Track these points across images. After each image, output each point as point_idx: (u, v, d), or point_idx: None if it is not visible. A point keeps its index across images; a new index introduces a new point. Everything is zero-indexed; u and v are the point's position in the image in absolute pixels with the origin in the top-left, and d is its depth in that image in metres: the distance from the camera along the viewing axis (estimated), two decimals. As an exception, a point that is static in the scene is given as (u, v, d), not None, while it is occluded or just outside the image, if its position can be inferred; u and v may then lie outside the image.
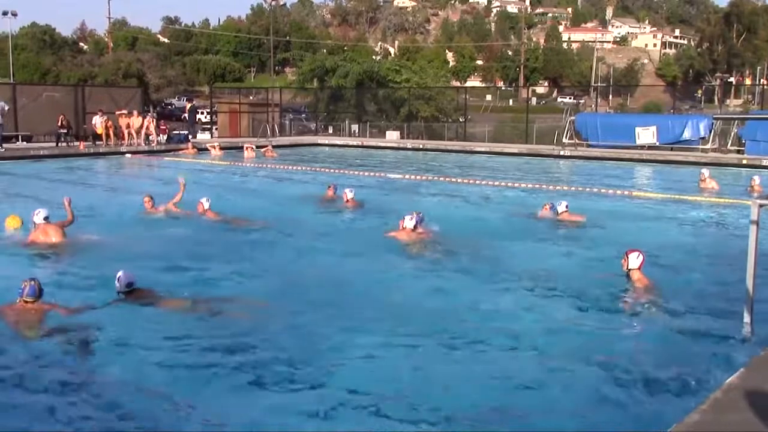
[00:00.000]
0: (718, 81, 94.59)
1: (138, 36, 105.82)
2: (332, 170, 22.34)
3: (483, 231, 11.93)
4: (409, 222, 10.43)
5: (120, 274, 7.19)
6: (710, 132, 26.95)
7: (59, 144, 26.61)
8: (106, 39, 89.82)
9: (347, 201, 13.81)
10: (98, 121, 27.66)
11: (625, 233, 11.42)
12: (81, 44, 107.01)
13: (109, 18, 76.32)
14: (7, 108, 24.99)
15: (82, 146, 26.77)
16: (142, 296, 7.24)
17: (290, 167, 23.40)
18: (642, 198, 16.76)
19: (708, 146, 26.79)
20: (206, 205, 12.53)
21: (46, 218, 9.88)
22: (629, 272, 8.11)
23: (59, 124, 26.74)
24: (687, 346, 6.40)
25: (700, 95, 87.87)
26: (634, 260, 8.09)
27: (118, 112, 28.62)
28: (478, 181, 19.33)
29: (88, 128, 28.61)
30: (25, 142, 27.46)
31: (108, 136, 27.67)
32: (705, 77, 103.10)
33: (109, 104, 29.64)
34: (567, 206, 12.33)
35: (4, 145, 24.46)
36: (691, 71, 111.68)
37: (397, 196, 16.65)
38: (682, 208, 15.26)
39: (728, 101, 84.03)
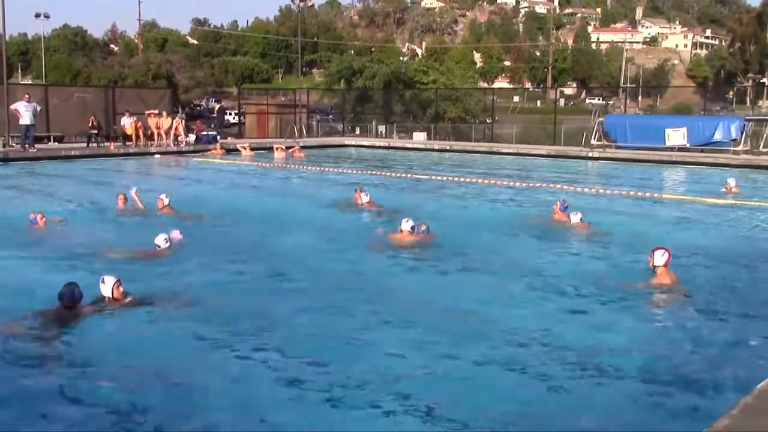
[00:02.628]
0: (750, 82, 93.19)
1: (167, 37, 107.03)
2: (360, 171, 22.40)
3: (502, 231, 11.89)
4: (405, 224, 10.39)
5: (104, 277, 7.23)
6: (742, 134, 26.57)
7: (90, 144, 26.95)
8: (136, 40, 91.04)
9: (363, 204, 13.76)
10: (127, 122, 27.98)
11: (653, 234, 11.28)
12: (112, 46, 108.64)
13: (140, 20, 77.38)
14: (39, 109, 25.35)
15: (112, 147, 27.10)
16: (130, 300, 7.26)
17: (319, 168, 23.49)
18: (670, 199, 16.59)
19: (740, 148, 26.41)
20: (165, 201, 12.89)
21: (166, 240, 9.76)
22: (655, 269, 8.04)
23: (90, 124, 27.09)
24: (716, 348, 6.30)
25: (731, 96, 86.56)
26: (660, 257, 8.02)
27: (147, 112, 28.91)
28: (503, 182, 19.27)
29: (118, 129, 28.95)
30: (56, 143, 27.87)
31: (138, 136, 27.99)
32: (737, 78, 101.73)
33: (138, 105, 29.95)
34: (581, 218, 11.70)
35: (36, 146, 24.83)
36: (722, 72, 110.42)
37: (418, 197, 16.66)
38: (713, 209, 15.07)
39: (760, 102, 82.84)
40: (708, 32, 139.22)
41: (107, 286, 7.08)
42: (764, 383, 4.48)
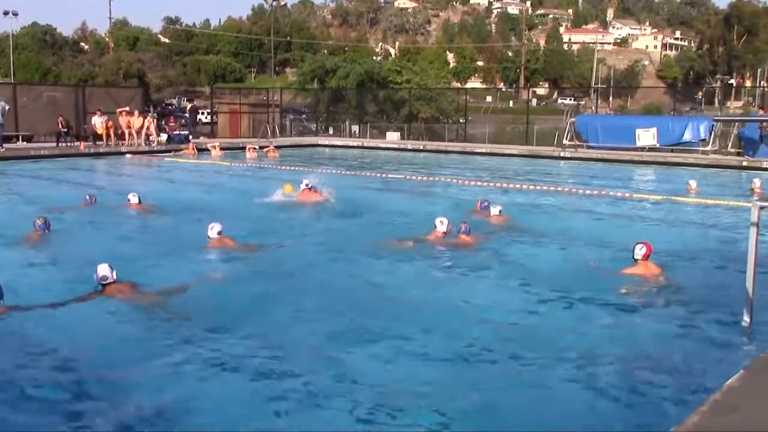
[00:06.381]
0: (719, 83, 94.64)
1: (139, 36, 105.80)
2: (332, 170, 22.34)
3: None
4: (440, 225, 10.32)
5: (98, 267, 7.21)
6: (710, 134, 26.94)
7: (59, 144, 26.59)
8: (107, 39, 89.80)
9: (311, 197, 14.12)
10: (98, 122, 27.64)
11: (625, 233, 11.35)
12: (82, 44, 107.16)
13: (110, 18, 76.33)
14: (7, 108, 24.97)
15: (82, 146, 26.76)
16: (119, 290, 7.23)
17: (291, 168, 23.36)
18: (640, 199, 16.74)
19: (708, 148, 26.78)
20: (134, 200, 13.13)
21: (219, 232, 9.77)
22: (635, 262, 8.45)
23: (59, 124, 26.73)
24: (686, 346, 6.36)
25: (700, 97, 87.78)
26: (638, 252, 8.46)
27: (119, 110, 28.57)
28: (478, 183, 19.35)
29: (88, 128, 28.59)
30: (25, 142, 27.46)
31: (108, 136, 27.66)
32: (705, 79, 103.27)
33: (109, 104, 29.59)
34: (501, 210, 12.22)
35: (5, 145, 24.45)
36: (691, 73, 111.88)
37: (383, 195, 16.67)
38: (681, 209, 15.26)
39: (729, 103, 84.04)
40: (677, 34, 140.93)
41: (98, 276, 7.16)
42: (733, 380, 4.54)
